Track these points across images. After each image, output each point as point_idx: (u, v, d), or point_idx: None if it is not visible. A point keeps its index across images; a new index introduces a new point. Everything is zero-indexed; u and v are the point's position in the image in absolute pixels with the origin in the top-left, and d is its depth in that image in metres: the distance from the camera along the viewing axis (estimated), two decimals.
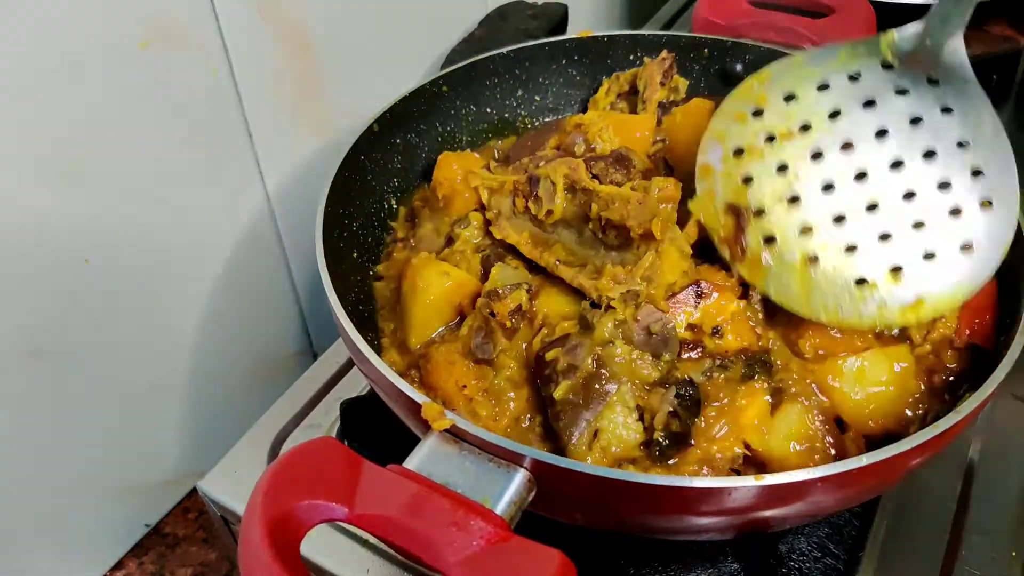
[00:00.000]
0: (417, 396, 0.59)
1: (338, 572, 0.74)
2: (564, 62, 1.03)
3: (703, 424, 0.66)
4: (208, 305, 0.93)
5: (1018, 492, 0.79)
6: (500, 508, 0.54)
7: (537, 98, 1.04)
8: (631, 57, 1.04)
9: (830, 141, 0.73)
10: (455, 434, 0.58)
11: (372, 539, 0.66)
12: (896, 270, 0.69)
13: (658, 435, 0.65)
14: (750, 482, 0.54)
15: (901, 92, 0.73)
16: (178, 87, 0.80)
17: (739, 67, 1.02)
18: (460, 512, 0.52)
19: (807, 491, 0.56)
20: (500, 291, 0.74)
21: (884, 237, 0.70)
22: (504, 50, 0.99)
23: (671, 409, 0.65)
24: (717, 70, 1.03)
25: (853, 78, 0.74)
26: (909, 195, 0.70)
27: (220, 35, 0.83)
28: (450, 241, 0.85)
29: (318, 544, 0.75)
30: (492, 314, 0.73)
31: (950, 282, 0.68)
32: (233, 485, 0.81)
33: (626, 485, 0.54)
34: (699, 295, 0.72)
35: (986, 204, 0.69)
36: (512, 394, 0.71)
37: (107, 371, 0.84)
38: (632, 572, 0.72)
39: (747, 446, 0.65)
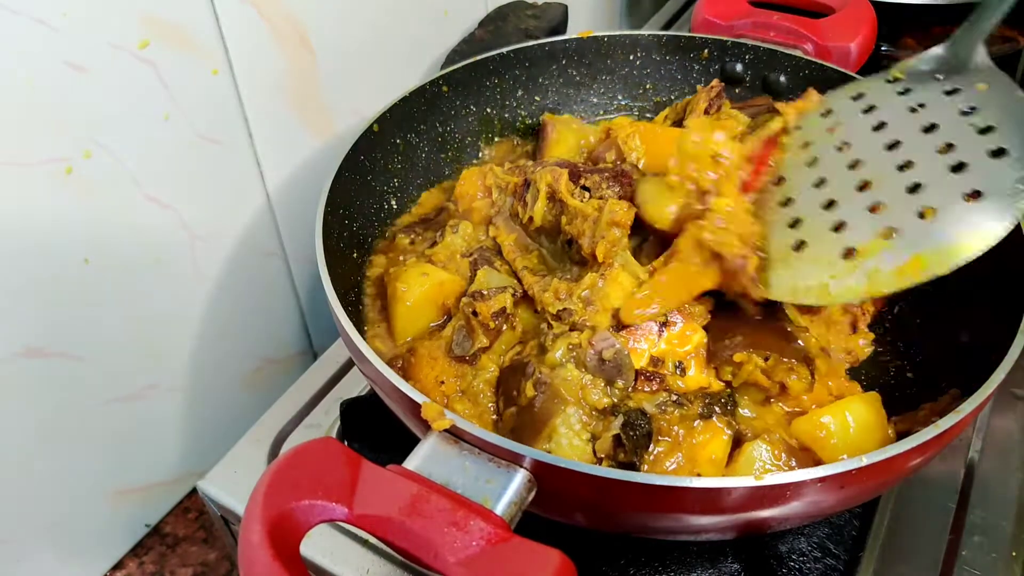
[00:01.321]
0: (417, 396, 0.59)
1: (338, 572, 0.74)
2: (564, 62, 1.03)
3: (652, 457, 0.66)
4: (208, 305, 0.93)
5: (1018, 492, 0.79)
6: (500, 508, 0.54)
7: (537, 98, 1.04)
8: (631, 57, 1.04)
9: (826, 146, 0.73)
10: (455, 434, 0.58)
11: (372, 539, 0.66)
12: (888, 233, 0.65)
13: (607, 463, 0.65)
14: (750, 482, 0.54)
15: (918, 106, 0.72)
16: (178, 87, 0.80)
17: (739, 67, 1.02)
18: (460, 512, 0.52)
19: (807, 491, 0.56)
20: (485, 292, 0.75)
21: (874, 208, 0.66)
22: (504, 50, 0.99)
23: (616, 434, 0.65)
24: (717, 70, 1.03)
25: (856, 98, 0.76)
26: (905, 165, 0.67)
27: (220, 35, 0.83)
28: (436, 240, 0.86)
29: (318, 544, 0.75)
30: (475, 313, 0.73)
31: (951, 234, 0.62)
32: (233, 485, 0.81)
33: (626, 485, 0.54)
34: (663, 323, 0.70)
35: (998, 153, 0.64)
36: (491, 394, 0.72)
37: (107, 371, 0.84)
38: (632, 572, 0.72)
39: None
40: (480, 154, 1.02)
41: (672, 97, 1.06)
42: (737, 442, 0.68)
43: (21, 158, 0.70)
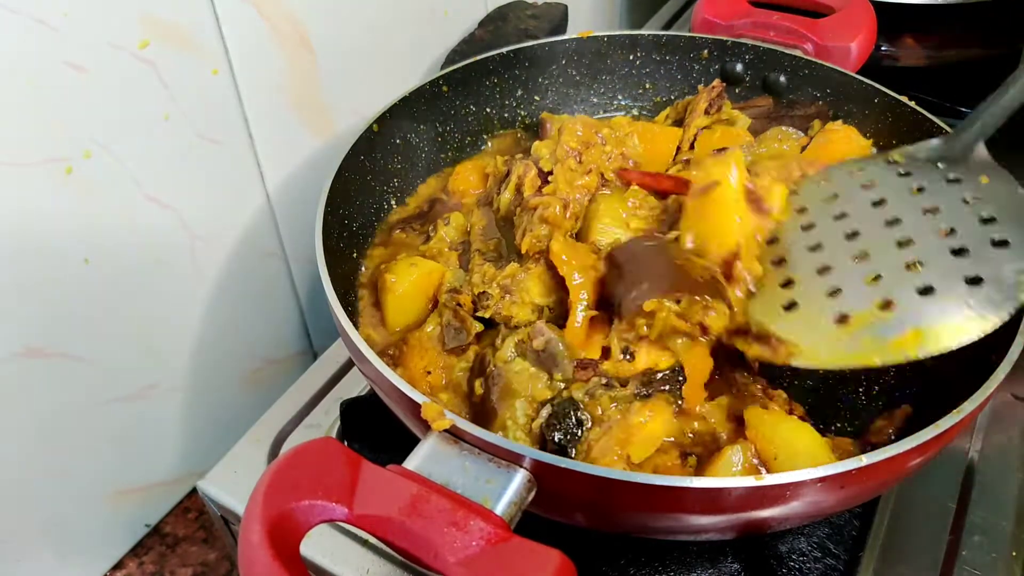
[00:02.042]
0: (417, 396, 0.59)
1: (338, 572, 0.74)
2: (564, 62, 1.03)
3: (587, 445, 0.65)
4: (208, 305, 0.93)
5: (1018, 492, 0.79)
6: (500, 508, 0.54)
7: (537, 98, 1.04)
8: (631, 57, 1.04)
9: (823, 214, 0.73)
10: (455, 434, 0.58)
11: (372, 539, 0.66)
12: (885, 304, 0.65)
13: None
14: (750, 482, 0.54)
15: (919, 189, 0.73)
16: (178, 87, 0.80)
17: (739, 67, 1.02)
18: (460, 512, 0.52)
19: (807, 491, 0.56)
20: (459, 287, 0.76)
21: (873, 279, 0.67)
22: (504, 50, 0.99)
23: (543, 423, 0.66)
24: (717, 70, 1.03)
25: (854, 173, 0.77)
26: (905, 242, 0.68)
27: (220, 35, 0.83)
28: (429, 235, 0.87)
29: (318, 544, 0.75)
30: (459, 305, 0.74)
31: (950, 316, 0.63)
32: (233, 485, 0.81)
33: (626, 485, 0.54)
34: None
35: (1000, 244, 0.65)
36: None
37: (107, 371, 0.84)
38: (632, 572, 0.72)
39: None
40: (484, 146, 1.02)
41: (672, 97, 1.06)
42: (717, 447, 0.68)
43: (21, 158, 0.70)
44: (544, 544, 0.50)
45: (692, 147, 0.91)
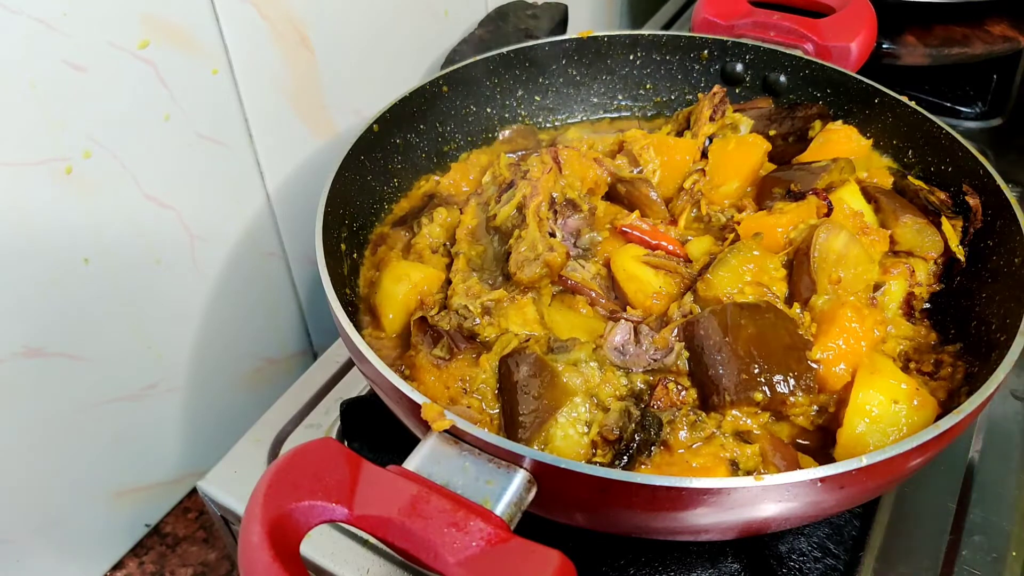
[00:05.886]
0: (417, 397, 0.59)
1: (338, 572, 0.74)
2: (564, 62, 1.03)
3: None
4: (208, 305, 0.93)
5: (1018, 492, 0.79)
6: (500, 509, 0.54)
7: (537, 98, 1.04)
8: (631, 57, 1.04)
9: None
10: (455, 435, 0.58)
11: (372, 539, 0.66)
12: None
13: (601, 449, 0.66)
14: (750, 482, 0.54)
15: None
16: (178, 87, 0.80)
17: (739, 67, 1.02)
18: (460, 513, 0.52)
19: (807, 491, 0.56)
20: (434, 314, 0.76)
21: None
22: (504, 50, 0.99)
23: (625, 420, 0.66)
24: (717, 70, 1.03)
25: None
26: None
27: (220, 35, 0.83)
28: (413, 230, 0.87)
29: (318, 544, 0.75)
30: (431, 326, 0.75)
31: None
32: (233, 485, 0.81)
33: (626, 485, 0.54)
34: None
35: None
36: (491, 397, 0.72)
37: (107, 371, 0.84)
38: (632, 572, 0.72)
39: None
40: (498, 135, 1.02)
41: (672, 97, 1.06)
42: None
43: (21, 158, 0.70)
44: (544, 544, 0.50)
45: (704, 156, 0.91)
